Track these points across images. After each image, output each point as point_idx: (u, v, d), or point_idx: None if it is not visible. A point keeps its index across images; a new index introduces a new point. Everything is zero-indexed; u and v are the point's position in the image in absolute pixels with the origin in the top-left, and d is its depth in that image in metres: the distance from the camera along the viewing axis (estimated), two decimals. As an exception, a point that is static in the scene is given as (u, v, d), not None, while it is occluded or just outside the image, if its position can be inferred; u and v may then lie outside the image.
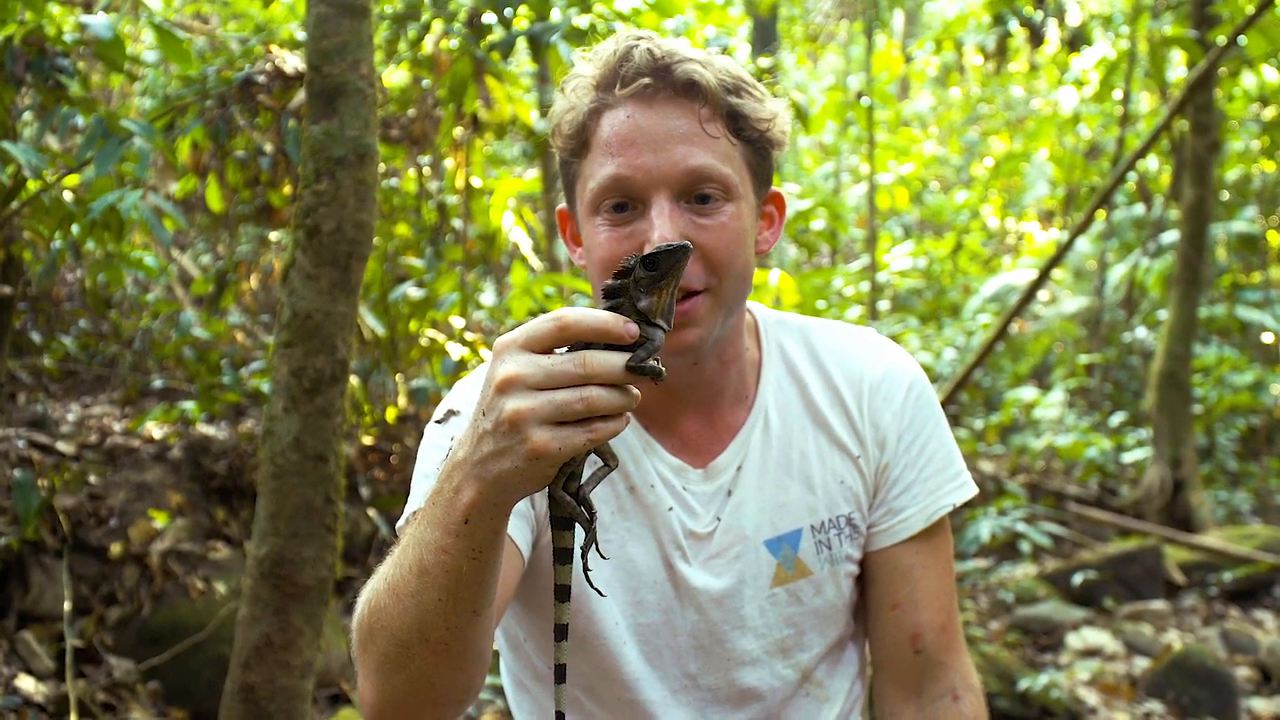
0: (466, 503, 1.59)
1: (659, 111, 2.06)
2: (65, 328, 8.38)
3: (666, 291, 1.61)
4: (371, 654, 1.82)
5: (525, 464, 1.53)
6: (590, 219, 2.12)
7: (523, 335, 1.56)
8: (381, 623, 1.78)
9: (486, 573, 1.68)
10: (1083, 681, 6.58)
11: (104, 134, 4.44)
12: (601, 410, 1.52)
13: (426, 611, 1.70)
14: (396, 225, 7.42)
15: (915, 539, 2.32)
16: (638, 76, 2.06)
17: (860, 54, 16.36)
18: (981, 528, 8.03)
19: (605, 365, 1.52)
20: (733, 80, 2.11)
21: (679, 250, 1.60)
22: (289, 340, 3.73)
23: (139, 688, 5.46)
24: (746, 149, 2.13)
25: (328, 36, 3.75)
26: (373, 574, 1.85)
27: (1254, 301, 12.35)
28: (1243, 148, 12.97)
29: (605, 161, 2.07)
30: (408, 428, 7.43)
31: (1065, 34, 13.80)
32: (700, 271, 2.05)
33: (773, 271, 8.15)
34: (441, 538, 1.64)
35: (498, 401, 1.53)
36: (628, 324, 1.55)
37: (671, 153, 2.04)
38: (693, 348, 2.10)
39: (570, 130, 2.12)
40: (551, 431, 1.51)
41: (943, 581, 2.34)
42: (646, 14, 6.70)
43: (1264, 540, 8.71)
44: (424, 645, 1.74)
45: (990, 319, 12.52)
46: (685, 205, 2.06)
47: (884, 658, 2.36)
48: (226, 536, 6.37)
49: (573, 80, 2.14)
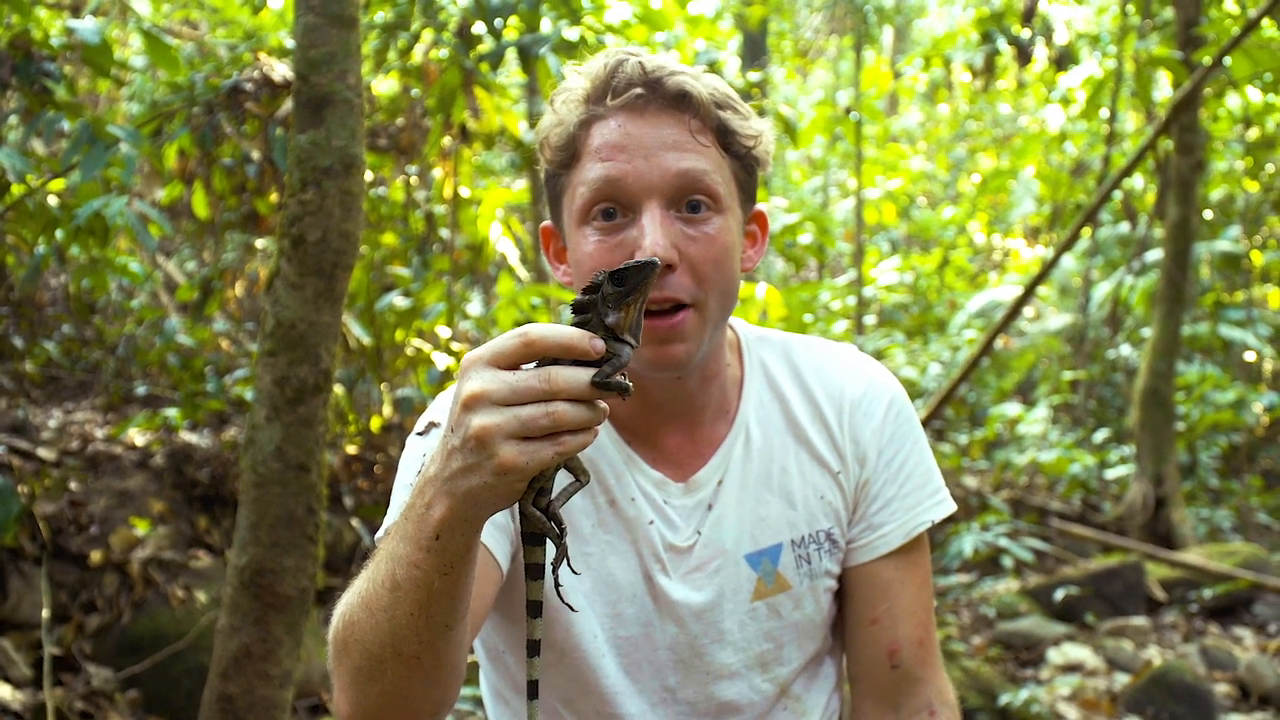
0: (437, 519, 1.60)
1: (650, 121, 2.07)
2: (48, 333, 8.37)
3: (634, 307, 1.61)
4: (346, 667, 1.83)
5: (494, 479, 1.53)
6: (579, 229, 2.11)
7: (489, 351, 1.56)
8: (355, 636, 1.78)
9: (458, 588, 1.68)
10: (1063, 697, 6.59)
11: (90, 139, 4.44)
12: (568, 425, 1.52)
13: (398, 626, 1.70)
14: (384, 234, 7.42)
15: (894, 555, 2.32)
16: (629, 87, 2.07)
17: (849, 69, 16.43)
18: (964, 542, 8.04)
19: (570, 381, 1.53)
20: (721, 95, 2.12)
21: (647, 266, 1.60)
22: (272, 349, 3.72)
23: (118, 696, 5.44)
24: (734, 163, 2.14)
25: (315, 46, 3.75)
26: (350, 586, 1.86)
27: (1236, 320, 12.38)
28: (1227, 168, 13.03)
29: (596, 166, 2.07)
30: (392, 437, 7.42)
31: (1053, 53, 13.82)
32: (688, 284, 2.06)
33: (760, 285, 8.16)
34: (413, 553, 1.65)
35: (465, 418, 1.54)
36: (593, 340, 1.55)
37: (663, 159, 2.05)
38: (680, 363, 2.11)
39: (559, 142, 2.13)
40: (519, 446, 1.51)
41: (921, 597, 2.35)
42: (636, 27, 6.72)
43: (1244, 558, 8.73)
44: (396, 659, 1.74)
45: (975, 334, 12.55)
46: (676, 214, 2.06)
47: (861, 672, 2.36)
48: (208, 545, 6.36)
49: (562, 94, 2.15)
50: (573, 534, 2.20)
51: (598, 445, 2.23)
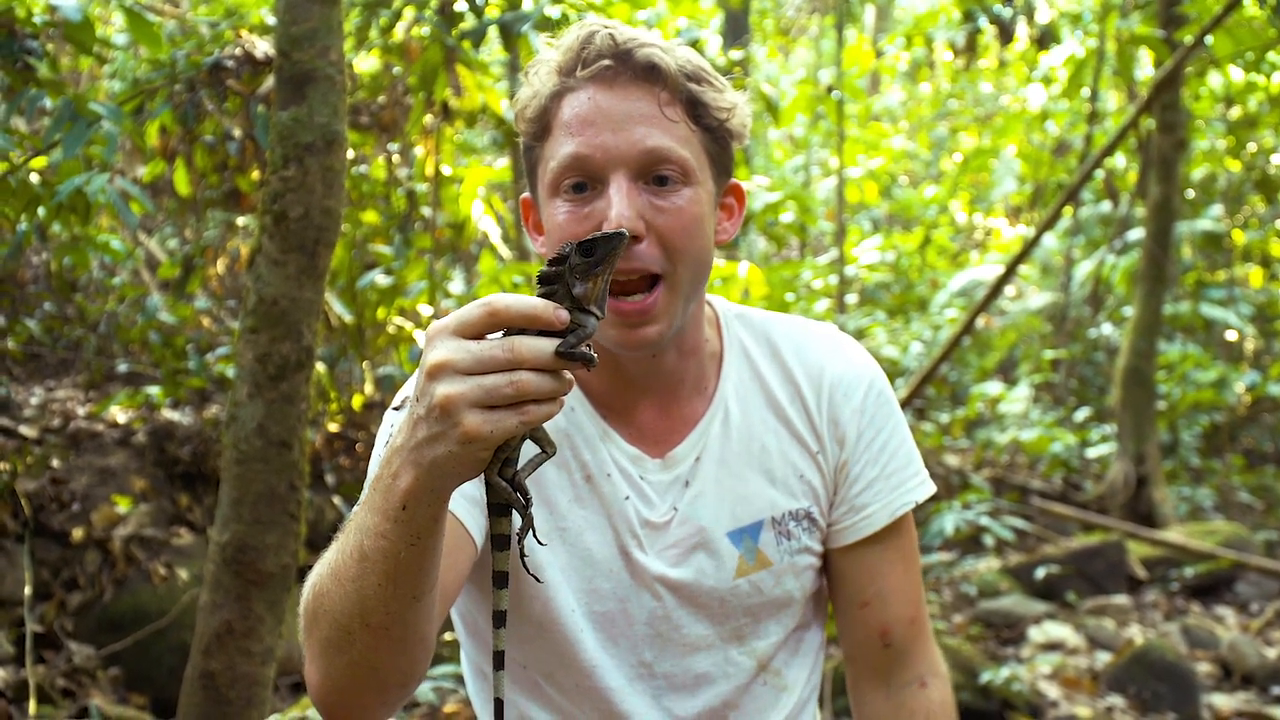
0: (404, 489, 1.60)
1: (619, 93, 2.07)
2: (30, 310, 8.34)
3: (601, 279, 1.62)
4: (315, 637, 1.84)
5: (459, 448, 1.54)
6: (550, 200, 2.13)
7: (454, 321, 1.57)
8: (324, 607, 1.79)
9: (426, 559, 1.69)
10: (1044, 675, 6.61)
11: (72, 117, 4.41)
12: (532, 394, 1.53)
13: (366, 596, 1.71)
14: (365, 212, 7.40)
15: (880, 537, 2.34)
16: (599, 59, 2.07)
17: (831, 48, 16.38)
18: (946, 521, 8.05)
19: (533, 350, 1.53)
20: (693, 68, 2.13)
21: (615, 237, 1.61)
22: (254, 326, 3.73)
23: (99, 673, 5.44)
24: (705, 136, 2.14)
25: (297, 22, 3.74)
26: (321, 558, 1.86)
27: (1218, 299, 12.43)
28: (1208, 147, 13.04)
29: (565, 141, 2.08)
30: (374, 415, 7.41)
31: (1034, 31, 13.82)
32: (657, 254, 2.07)
33: (741, 264, 8.16)
34: (380, 523, 1.65)
35: (429, 387, 1.55)
36: (558, 310, 1.56)
37: (630, 132, 2.06)
38: (653, 342, 2.12)
39: (533, 114, 2.14)
40: (483, 415, 1.52)
41: (908, 577, 2.37)
42: (619, 5, 6.70)
43: (1225, 536, 8.78)
44: (365, 629, 1.75)
45: (957, 313, 12.56)
46: (643, 186, 2.07)
47: (855, 652, 2.39)
48: (190, 522, 6.35)
49: (536, 65, 2.16)
50: (549, 509, 2.21)
51: (574, 421, 2.24)
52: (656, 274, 2.08)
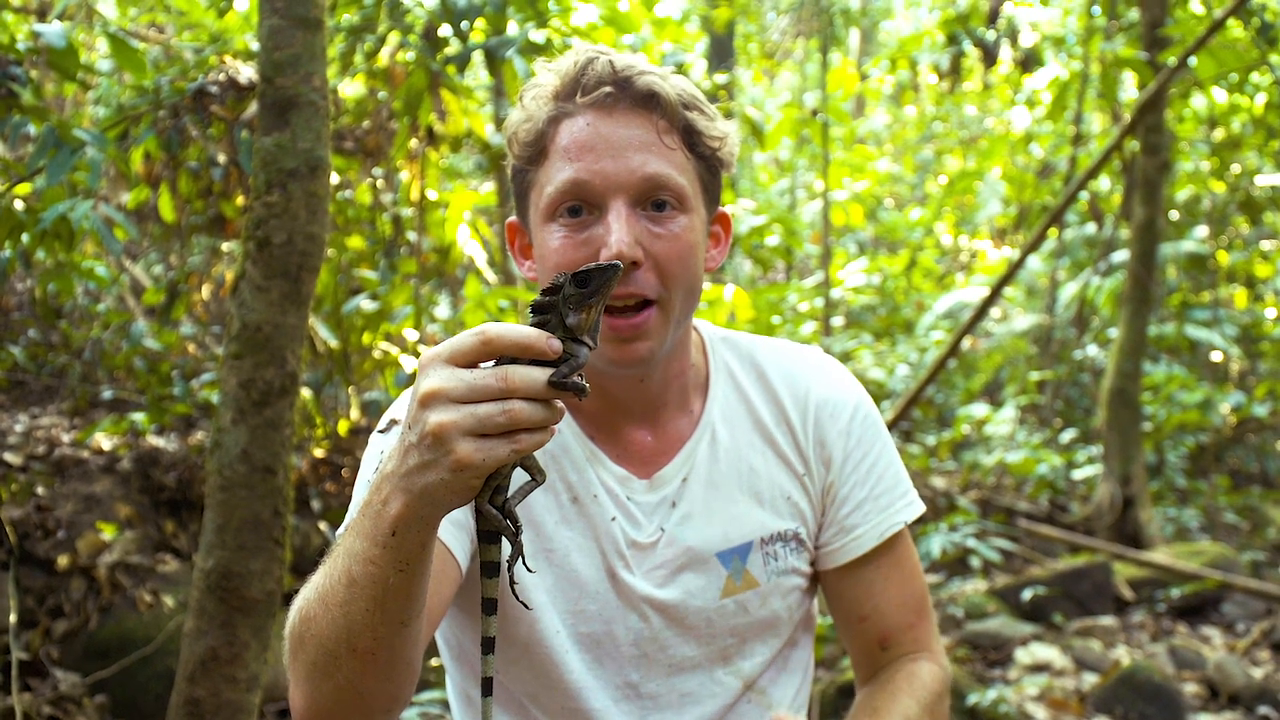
0: (394, 515, 1.61)
1: (618, 120, 2.08)
2: (14, 337, 8.32)
3: (595, 309, 1.62)
4: (301, 661, 1.84)
5: (450, 476, 1.54)
6: (545, 225, 2.13)
7: (447, 350, 1.58)
8: (311, 631, 1.79)
9: (414, 585, 1.69)
10: (1031, 697, 6.61)
11: (56, 143, 4.42)
12: (524, 423, 1.54)
13: (354, 621, 1.71)
14: (350, 237, 7.40)
15: (872, 556, 2.35)
16: (599, 85, 2.08)
17: (816, 72, 16.44)
18: (932, 543, 8.04)
19: (526, 380, 1.54)
20: (689, 96, 2.15)
21: (610, 269, 1.61)
22: (238, 352, 3.72)
23: (85, 701, 5.41)
24: (699, 165, 2.16)
25: (280, 48, 3.74)
26: (308, 582, 1.86)
27: (1203, 320, 12.45)
28: (1192, 168, 13.08)
29: (564, 166, 2.08)
30: (360, 440, 7.40)
31: (1018, 54, 13.91)
32: (653, 281, 2.08)
33: (727, 287, 8.16)
34: (369, 549, 1.66)
35: (422, 415, 1.55)
36: (550, 340, 1.57)
37: (630, 159, 2.07)
38: (643, 360, 2.12)
39: (528, 138, 2.14)
40: (475, 443, 1.53)
41: (907, 589, 2.39)
42: (603, 29, 6.72)
43: (1212, 557, 8.78)
44: (351, 654, 1.75)
45: (943, 336, 12.58)
46: (641, 212, 2.08)
47: (859, 660, 2.43)
48: (175, 549, 6.33)
49: (531, 90, 2.17)
50: (536, 531, 2.21)
51: (561, 442, 2.24)
52: (650, 299, 2.09)
